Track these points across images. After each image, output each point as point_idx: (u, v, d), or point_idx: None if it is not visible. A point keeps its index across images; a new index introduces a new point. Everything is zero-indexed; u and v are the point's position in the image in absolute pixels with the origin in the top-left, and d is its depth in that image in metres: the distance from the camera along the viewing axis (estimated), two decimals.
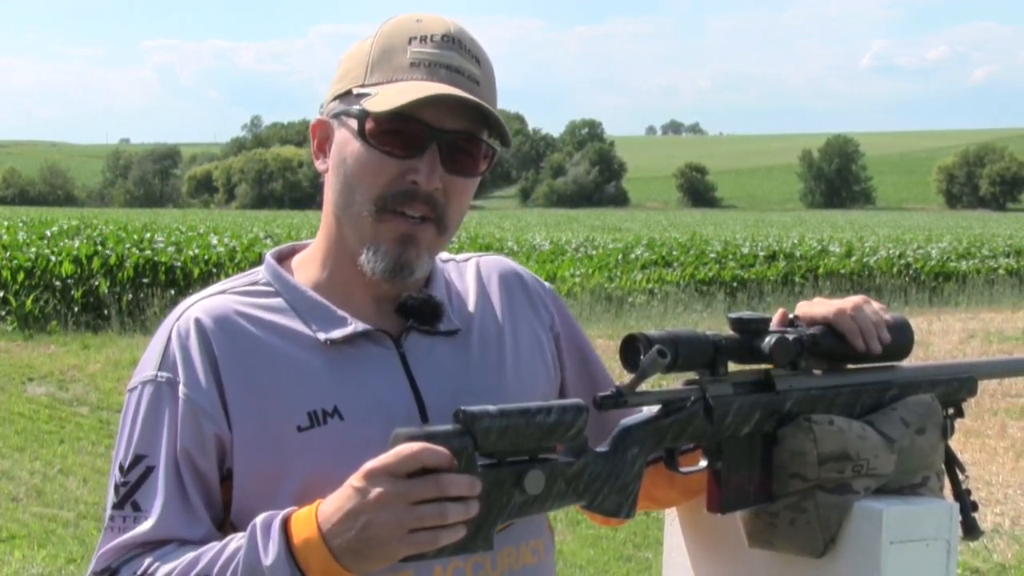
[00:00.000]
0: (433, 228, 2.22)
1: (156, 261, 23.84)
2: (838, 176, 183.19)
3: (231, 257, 25.50)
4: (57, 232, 30.72)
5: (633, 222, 77.06)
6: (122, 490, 2.18)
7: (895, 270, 31.99)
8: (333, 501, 1.96)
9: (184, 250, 25.88)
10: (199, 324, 2.21)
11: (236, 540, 2.04)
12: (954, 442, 2.51)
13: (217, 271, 24.00)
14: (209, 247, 27.09)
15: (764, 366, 2.32)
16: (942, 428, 2.43)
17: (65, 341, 19.70)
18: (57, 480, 10.98)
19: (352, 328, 2.23)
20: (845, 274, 30.80)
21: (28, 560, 8.68)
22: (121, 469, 2.19)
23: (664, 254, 33.12)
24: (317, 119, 2.32)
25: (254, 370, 2.19)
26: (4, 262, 23.10)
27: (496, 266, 2.50)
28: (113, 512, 2.18)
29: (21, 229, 32.51)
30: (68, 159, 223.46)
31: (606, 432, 2.20)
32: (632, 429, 2.18)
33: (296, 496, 2.07)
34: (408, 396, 2.22)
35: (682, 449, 2.32)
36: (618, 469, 2.15)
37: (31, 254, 23.85)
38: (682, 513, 2.63)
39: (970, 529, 2.46)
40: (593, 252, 33.72)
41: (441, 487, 1.88)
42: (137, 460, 2.18)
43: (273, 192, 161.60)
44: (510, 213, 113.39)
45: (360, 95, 2.21)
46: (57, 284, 22.28)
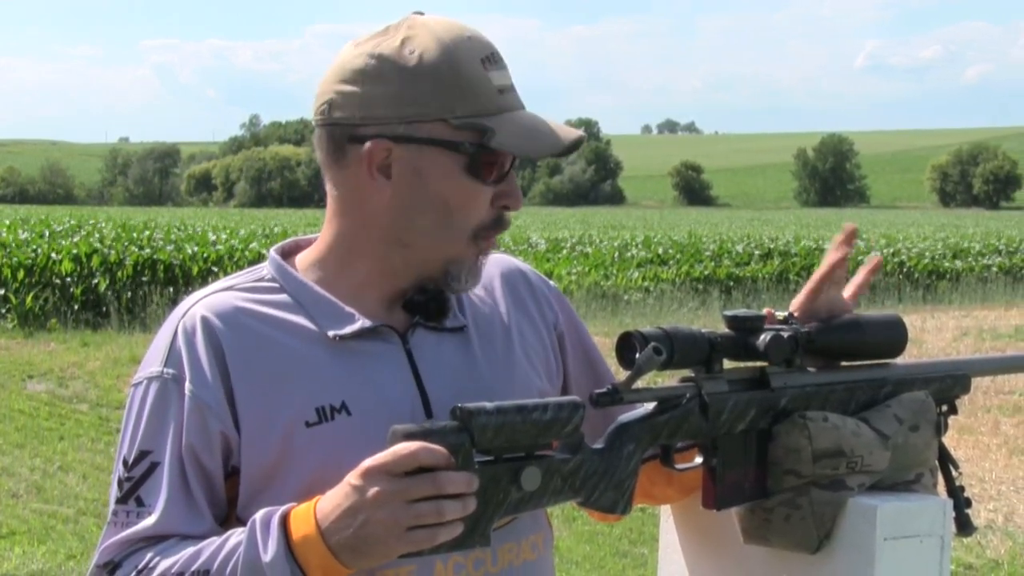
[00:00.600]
0: None
1: (155, 259, 23.84)
2: (832, 175, 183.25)
3: (230, 255, 25.49)
4: (58, 231, 30.67)
5: (629, 220, 77.00)
6: (126, 485, 2.17)
7: (889, 268, 32.00)
8: (331, 499, 1.96)
9: (183, 248, 25.87)
10: (205, 321, 2.19)
11: (236, 536, 2.04)
12: (948, 439, 2.51)
13: (216, 269, 24.01)
14: (208, 245, 27.08)
15: (759, 363, 2.32)
16: (936, 425, 2.42)
17: (65, 339, 19.69)
18: (57, 476, 10.99)
19: (359, 324, 2.22)
20: None
21: (28, 556, 8.68)
22: (125, 464, 2.18)
23: (660, 252, 33.13)
24: (375, 143, 2.17)
25: (261, 366, 2.18)
26: (4, 260, 23.10)
27: (501, 264, 2.50)
28: (117, 507, 2.17)
29: (21, 228, 32.47)
30: (68, 158, 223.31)
31: (603, 429, 2.21)
32: (628, 426, 2.18)
33: (303, 491, 2.06)
34: (413, 392, 2.22)
35: (678, 447, 2.32)
36: (614, 466, 2.15)
37: (31, 252, 23.85)
38: (678, 509, 2.62)
39: (964, 525, 2.46)
40: (589, 250, 33.74)
41: (438, 485, 1.88)
42: (142, 456, 2.17)
43: (271, 191, 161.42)
44: None
45: (464, 126, 2.15)
46: (57, 282, 22.28)
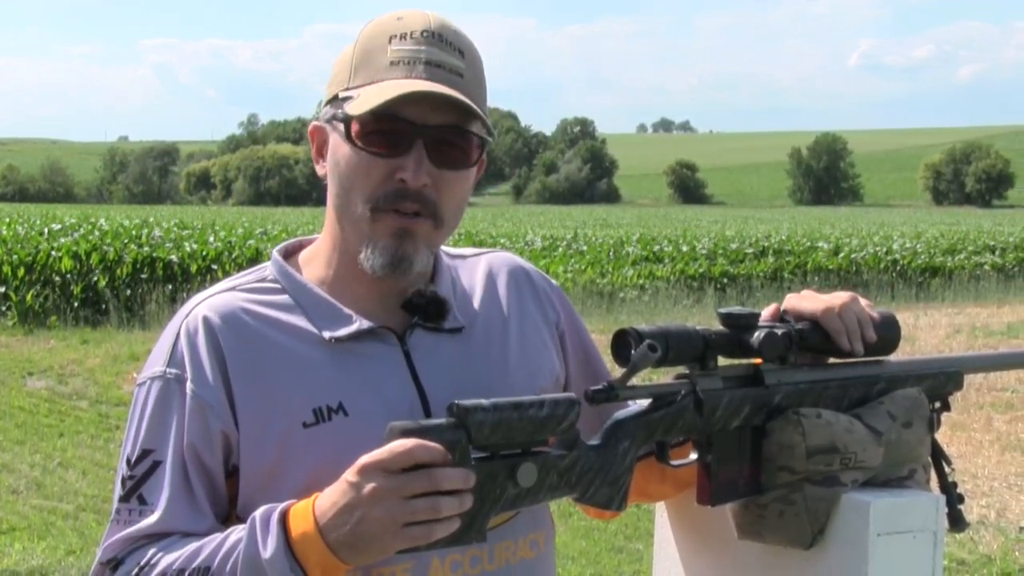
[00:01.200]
0: (429, 222, 2.21)
1: (154, 257, 23.83)
2: (826, 173, 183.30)
3: (228, 253, 25.49)
4: (58, 229, 30.64)
5: (624, 218, 77.04)
6: (129, 483, 2.18)
7: (882, 266, 32.04)
8: (329, 496, 1.96)
9: (182, 246, 25.87)
10: (207, 322, 2.20)
11: (236, 532, 2.05)
12: (940, 435, 2.51)
13: (215, 267, 24.01)
14: (206, 243, 27.07)
15: (753, 360, 2.33)
16: (928, 422, 2.43)
17: (65, 336, 19.72)
18: (57, 473, 10.99)
19: (357, 326, 2.23)
20: (833, 270, 30.86)
21: (28, 552, 8.68)
22: (128, 463, 2.19)
23: (655, 250, 33.15)
24: (314, 124, 2.32)
25: (260, 367, 2.19)
26: (4, 257, 23.09)
27: (504, 263, 2.50)
28: (120, 505, 2.18)
29: (21, 225, 32.46)
30: (68, 156, 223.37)
31: (599, 426, 2.20)
32: (623, 422, 2.18)
33: (301, 491, 2.06)
34: (412, 392, 2.22)
35: (672, 444, 2.32)
36: (609, 462, 2.15)
37: (31, 249, 23.84)
38: (672, 505, 2.62)
39: (956, 521, 2.46)
40: (585, 248, 33.75)
41: (434, 481, 1.88)
42: (144, 454, 2.18)
43: (269, 189, 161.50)
44: (503, 210, 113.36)
45: (344, 99, 2.21)
46: (57, 279, 22.28)
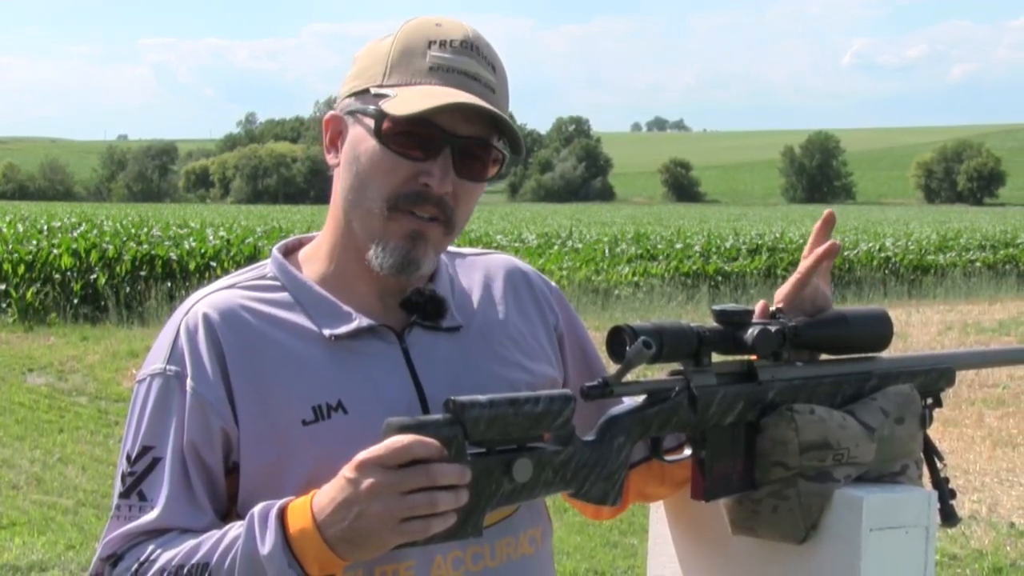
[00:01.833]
0: (441, 228, 2.22)
1: (153, 254, 23.81)
2: (819, 171, 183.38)
3: (227, 250, 25.48)
4: (56, 227, 30.63)
5: (619, 216, 77.01)
6: (129, 479, 2.18)
7: (875, 263, 32.04)
8: (327, 492, 1.96)
9: (181, 244, 25.85)
10: (207, 319, 2.21)
11: (235, 529, 2.05)
12: (932, 431, 2.51)
13: (213, 264, 24.00)
14: (205, 241, 27.06)
15: (747, 357, 2.33)
16: (921, 417, 2.43)
17: (64, 332, 19.71)
18: (56, 468, 10.98)
19: (356, 324, 2.23)
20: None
21: (28, 546, 8.67)
22: (128, 459, 2.20)
23: (649, 248, 33.14)
24: (331, 114, 2.30)
25: (260, 365, 2.19)
26: (5, 255, 23.07)
27: (502, 266, 2.50)
28: (120, 501, 2.19)
29: (21, 223, 32.44)
30: (67, 155, 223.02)
31: (595, 422, 2.20)
32: (618, 418, 2.18)
33: (301, 488, 2.06)
34: (410, 390, 2.23)
35: (669, 446, 2.33)
36: (605, 457, 2.15)
37: (31, 247, 23.83)
38: (667, 501, 2.62)
39: (948, 516, 2.46)
40: (580, 246, 33.74)
41: (431, 476, 1.88)
42: (144, 451, 2.18)
43: (267, 187, 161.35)
44: (499, 208, 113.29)
45: (378, 95, 2.20)
46: (57, 277, 22.26)
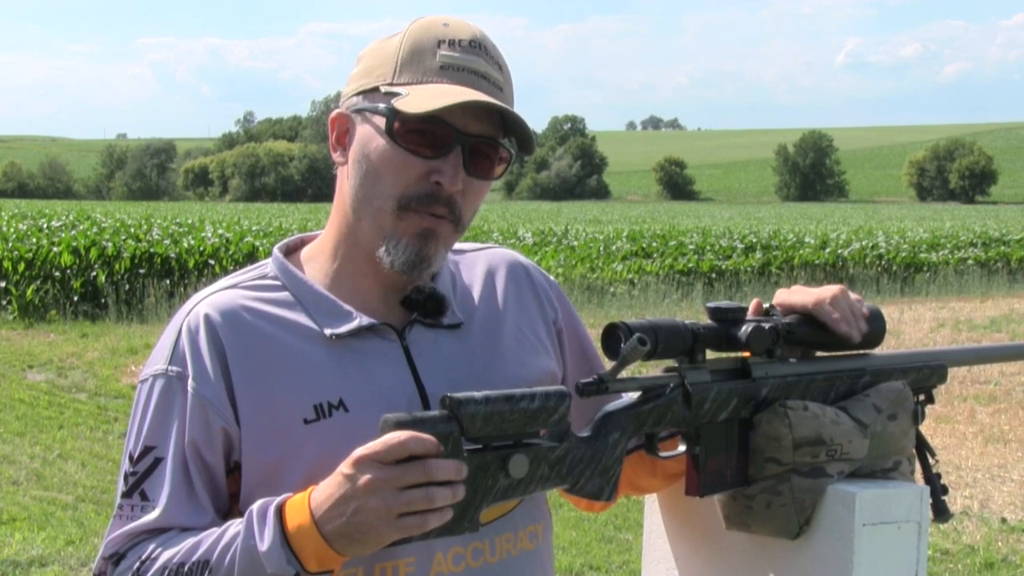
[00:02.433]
0: (451, 225, 2.22)
1: (152, 252, 23.80)
2: (812, 170, 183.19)
3: (225, 248, 25.47)
4: (56, 225, 30.62)
5: (614, 214, 77.01)
6: (131, 479, 2.19)
7: (868, 261, 32.07)
8: (325, 488, 1.96)
9: (180, 241, 25.84)
10: (208, 320, 2.21)
11: (235, 526, 2.05)
12: (925, 427, 2.51)
13: (212, 262, 24.00)
14: (203, 239, 27.04)
15: (741, 354, 2.33)
16: (913, 414, 2.43)
17: (64, 330, 19.72)
18: (56, 464, 10.98)
19: (356, 322, 2.23)
20: (820, 265, 30.84)
21: (28, 542, 8.67)
22: (131, 459, 2.20)
23: (644, 246, 33.14)
24: (337, 112, 2.30)
25: (261, 364, 2.19)
26: (5, 253, 23.06)
27: (503, 260, 2.50)
28: (122, 500, 2.19)
29: (21, 221, 32.42)
30: (67, 153, 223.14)
31: (591, 418, 2.20)
32: (613, 415, 2.19)
33: (302, 486, 2.06)
34: (411, 388, 2.23)
35: (662, 437, 2.33)
36: (600, 453, 2.15)
37: (31, 245, 23.82)
38: (662, 497, 2.63)
39: (940, 512, 2.46)
40: (575, 243, 33.74)
41: (428, 472, 1.88)
42: (146, 451, 2.19)
43: (265, 185, 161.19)
44: (495, 206, 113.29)
45: (389, 93, 2.20)
46: (57, 274, 22.28)
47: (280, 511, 2.00)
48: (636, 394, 2.23)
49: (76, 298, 21.78)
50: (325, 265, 2.31)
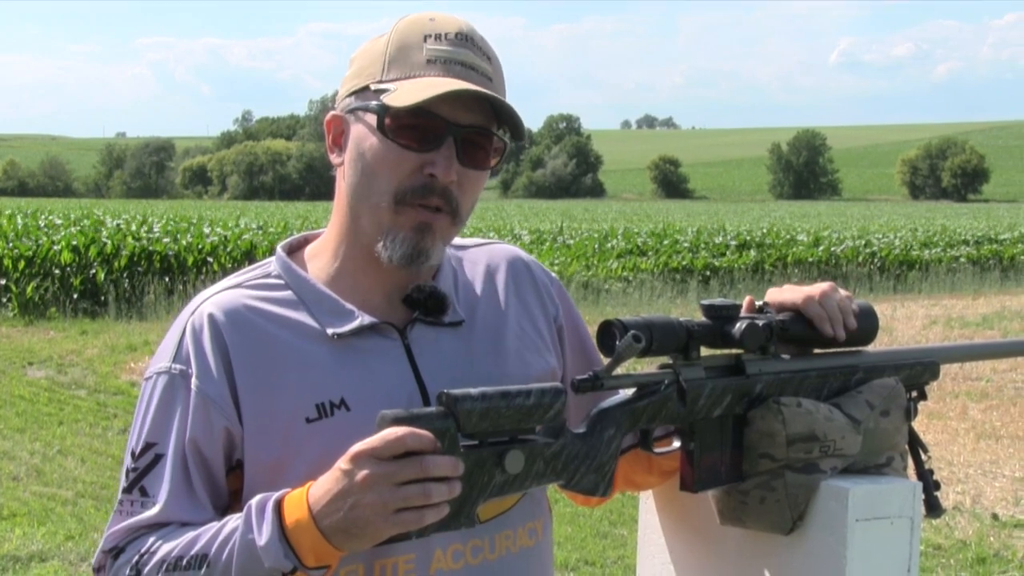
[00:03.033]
0: (448, 218, 2.22)
1: (151, 250, 23.79)
2: (806, 168, 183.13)
3: (223, 246, 25.45)
4: (56, 223, 30.60)
5: (609, 212, 76.98)
6: (132, 475, 2.20)
7: (861, 258, 32.09)
8: (323, 484, 1.96)
9: (179, 239, 25.83)
10: (212, 319, 2.21)
11: (233, 520, 2.06)
12: (917, 424, 2.51)
13: (210, 260, 23.99)
14: (202, 236, 27.03)
15: (735, 351, 2.33)
16: (906, 410, 2.43)
17: (64, 327, 19.70)
18: (56, 460, 10.97)
19: (358, 322, 2.23)
20: (813, 262, 30.87)
21: (28, 537, 8.67)
22: (132, 455, 2.21)
23: (639, 243, 33.15)
24: (332, 114, 2.31)
25: (264, 363, 2.19)
26: (6, 251, 23.05)
27: (504, 256, 2.50)
28: (123, 496, 2.20)
29: (21, 219, 32.40)
30: (66, 152, 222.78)
31: (587, 414, 2.20)
32: (608, 411, 2.19)
33: (303, 484, 2.06)
34: (412, 386, 2.23)
35: (657, 436, 2.33)
36: (595, 449, 2.15)
37: (31, 243, 23.81)
38: (657, 492, 2.63)
39: (933, 507, 2.47)
40: (571, 241, 33.73)
41: (425, 468, 1.88)
42: (147, 447, 2.19)
43: (263, 184, 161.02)
44: (491, 204, 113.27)
45: (378, 91, 2.20)
46: (56, 272, 22.27)
47: (278, 506, 2.01)
48: (631, 391, 2.24)
49: (76, 295, 21.77)
50: (327, 264, 2.32)
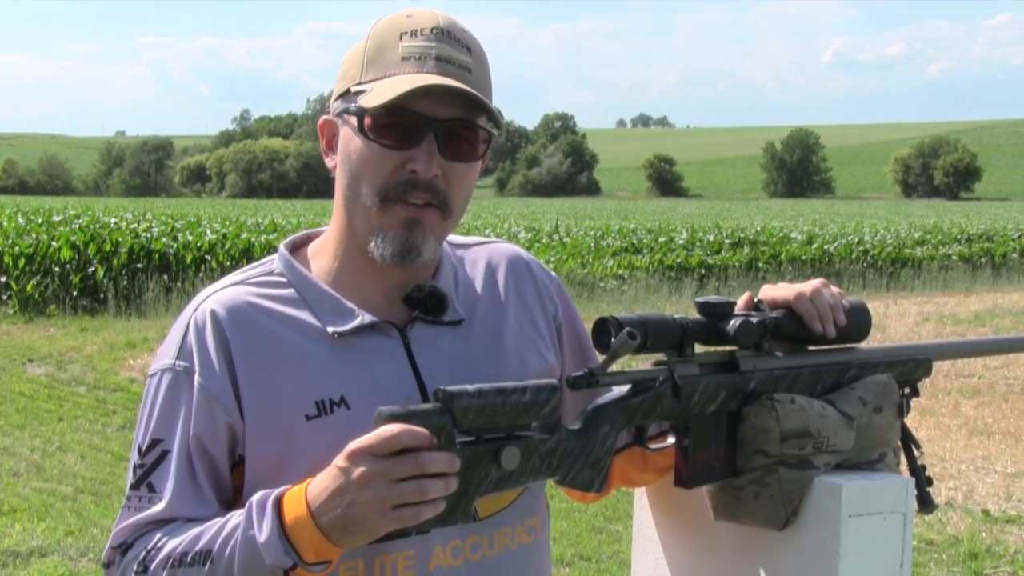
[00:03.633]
0: (437, 212, 2.22)
1: (150, 248, 23.78)
2: (799, 167, 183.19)
3: (222, 244, 25.44)
4: (56, 220, 30.58)
5: (604, 211, 76.97)
6: (139, 471, 2.21)
7: (854, 256, 32.10)
8: (321, 481, 1.97)
9: (177, 237, 25.82)
10: (214, 316, 2.22)
11: (235, 517, 2.06)
12: (910, 420, 2.51)
13: (208, 257, 23.97)
14: (201, 234, 27.01)
15: (729, 348, 2.33)
16: (898, 407, 2.44)
17: (64, 324, 19.69)
18: (56, 456, 10.96)
19: (359, 320, 2.23)
20: (807, 260, 30.86)
21: (28, 532, 8.66)
22: (139, 451, 2.22)
23: (634, 241, 33.15)
24: (323, 119, 2.32)
25: (265, 361, 2.20)
26: (6, 248, 23.03)
27: (504, 255, 2.50)
28: (130, 492, 2.21)
29: (21, 217, 32.38)
30: (66, 150, 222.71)
31: (582, 411, 2.20)
32: (603, 407, 2.19)
33: (303, 481, 2.06)
34: (412, 385, 2.23)
35: (652, 434, 2.33)
36: (590, 445, 2.15)
37: (31, 240, 23.79)
38: (651, 488, 2.63)
39: (925, 503, 2.47)
40: (567, 239, 33.74)
41: (421, 465, 1.89)
42: (153, 444, 2.20)
43: (261, 182, 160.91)
44: (487, 202, 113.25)
45: (357, 93, 2.21)
46: (56, 269, 22.23)
47: (278, 503, 2.01)
48: (626, 387, 2.24)
49: (75, 293, 21.74)
50: (328, 263, 2.32)
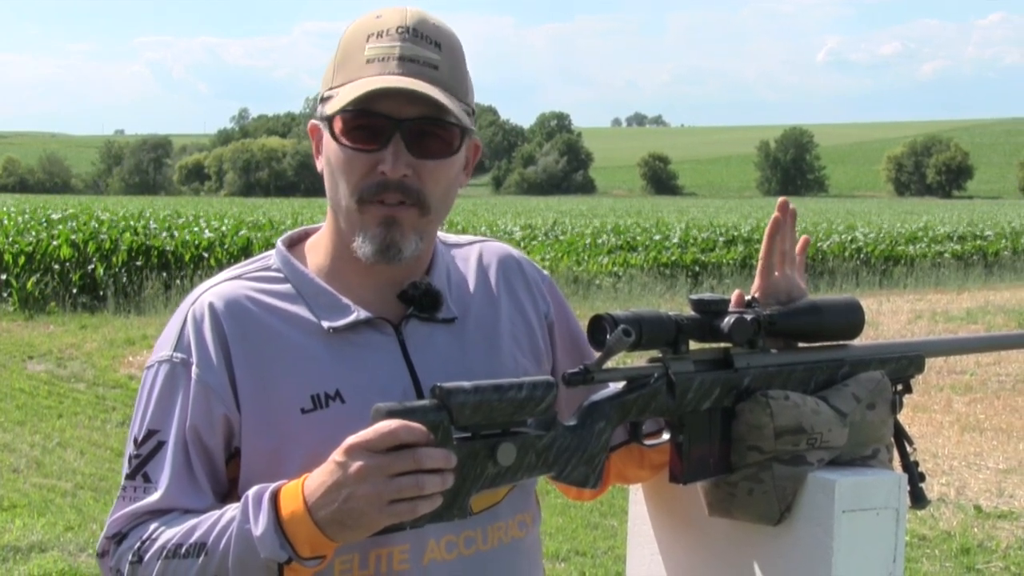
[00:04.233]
0: (414, 210, 2.21)
1: (149, 245, 23.79)
2: (793, 165, 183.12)
3: (220, 242, 25.44)
4: (55, 219, 30.58)
5: (599, 209, 76.94)
6: (134, 462, 2.21)
7: (847, 254, 32.11)
8: (317, 476, 1.97)
9: (176, 235, 25.82)
10: (212, 309, 2.22)
11: (231, 510, 2.06)
12: (902, 416, 2.52)
13: (207, 255, 23.97)
14: (200, 232, 27.01)
15: (723, 345, 2.33)
16: (891, 403, 2.44)
17: (63, 321, 19.70)
18: (56, 452, 10.95)
19: (354, 316, 2.24)
20: None
21: (28, 528, 8.66)
22: (135, 442, 2.22)
23: (629, 239, 33.16)
24: (311, 122, 2.33)
25: (262, 354, 2.20)
26: (6, 246, 23.04)
27: (496, 253, 2.50)
28: (126, 482, 2.21)
29: (21, 215, 32.37)
30: (65, 149, 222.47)
31: (578, 407, 2.20)
32: (599, 404, 2.19)
33: (299, 475, 2.06)
34: (406, 381, 2.24)
35: (647, 431, 2.33)
36: (585, 442, 2.15)
37: (31, 239, 23.79)
38: (646, 484, 2.63)
39: (918, 499, 2.47)
40: (562, 237, 33.74)
41: (418, 460, 1.89)
42: (150, 435, 2.21)
43: (259, 180, 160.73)
44: (483, 201, 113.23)
45: (327, 98, 2.23)
46: (56, 267, 22.25)
47: (275, 498, 2.01)
48: (621, 384, 2.24)
49: (75, 290, 21.76)
50: (323, 260, 2.33)
